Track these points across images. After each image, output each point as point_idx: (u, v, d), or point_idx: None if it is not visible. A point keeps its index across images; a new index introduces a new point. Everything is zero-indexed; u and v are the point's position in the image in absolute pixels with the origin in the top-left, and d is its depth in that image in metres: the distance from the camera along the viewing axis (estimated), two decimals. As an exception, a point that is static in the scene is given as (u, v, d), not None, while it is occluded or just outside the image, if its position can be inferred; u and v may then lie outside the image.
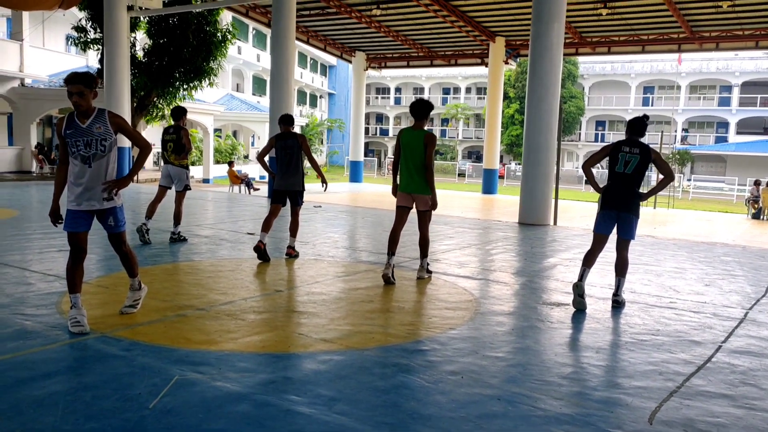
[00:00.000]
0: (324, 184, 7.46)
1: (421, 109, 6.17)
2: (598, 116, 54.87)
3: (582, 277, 5.48)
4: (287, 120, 7.38)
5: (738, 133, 50.14)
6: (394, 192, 6.38)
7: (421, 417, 3.11)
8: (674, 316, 5.33)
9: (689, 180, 42.12)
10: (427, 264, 6.56)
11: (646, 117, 5.61)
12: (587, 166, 5.74)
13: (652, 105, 52.45)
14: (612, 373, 3.93)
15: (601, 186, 5.63)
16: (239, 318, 4.74)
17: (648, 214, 17.93)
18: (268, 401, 3.21)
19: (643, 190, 5.70)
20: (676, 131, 50.37)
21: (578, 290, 5.41)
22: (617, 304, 5.58)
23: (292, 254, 7.38)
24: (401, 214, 6.36)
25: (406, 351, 4.14)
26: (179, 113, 8.26)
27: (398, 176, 6.31)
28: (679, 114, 51.29)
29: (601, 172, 33.54)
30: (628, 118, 52.24)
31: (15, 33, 22.85)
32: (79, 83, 4.04)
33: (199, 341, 4.14)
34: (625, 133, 5.61)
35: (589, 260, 5.56)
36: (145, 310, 4.78)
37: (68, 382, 3.36)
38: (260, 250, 6.99)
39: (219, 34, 21.41)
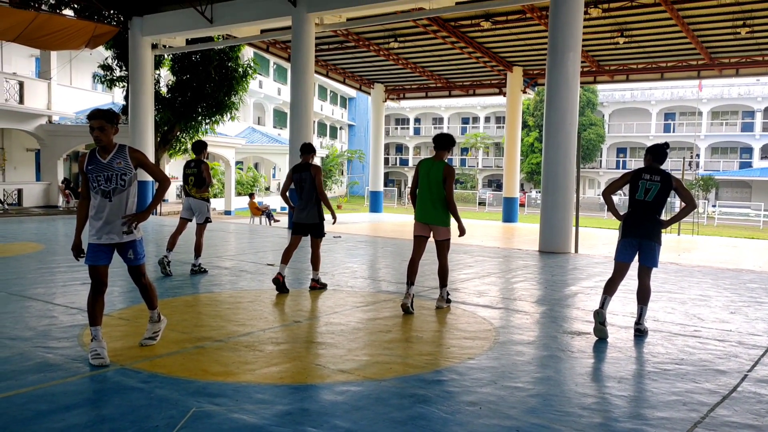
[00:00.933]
0: (333, 219, 7.44)
1: (443, 141, 6.27)
2: (619, 143, 54.60)
3: (603, 304, 5.41)
4: (306, 149, 7.43)
5: (762, 158, 49.48)
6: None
7: (438, 449, 3.07)
8: (699, 345, 5.22)
9: (714, 206, 41.52)
10: (447, 293, 6.53)
11: (666, 144, 5.59)
12: (607, 193, 5.71)
13: (673, 131, 52.08)
14: (634, 404, 3.85)
15: (622, 213, 5.58)
16: (257, 349, 4.75)
17: (672, 241, 17.69)
18: (284, 433, 3.20)
19: (665, 217, 5.64)
20: (698, 156, 49.91)
21: (599, 318, 5.34)
22: (639, 333, 5.49)
23: (316, 287, 7.37)
24: (419, 243, 6.36)
25: (424, 381, 4.10)
26: (200, 147, 8.41)
27: (416, 205, 6.35)
28: (701, 140, 50.82)
29: (622, 199, 33.24)
30: (649, 144, 52.30)
31: (43, 72, 23.56)
32: (101, 118, 4.16)
33: (217, 373, 4.15)
34: (644, 161, 5.58)
35: (610, 288, 5.50)
36: (165, 342, 4.81)
37: (87, 415, 3.38)
38: (279, 282, 7.02)
39: (240, 70, 21.87)
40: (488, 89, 27.43)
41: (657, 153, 5.49)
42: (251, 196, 24.67)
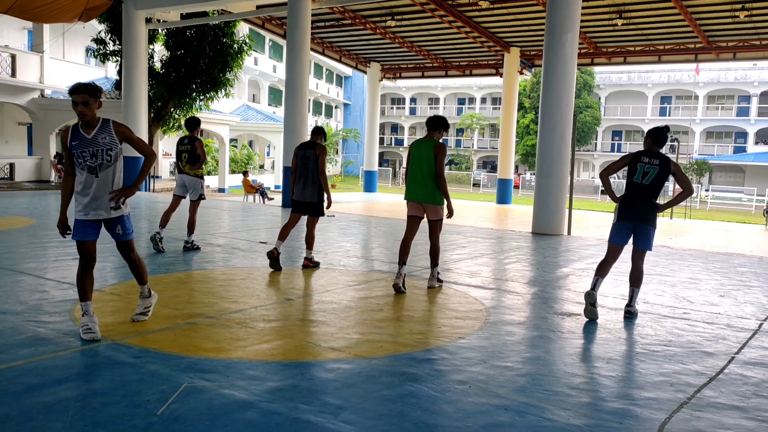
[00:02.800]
0: (329, 203, 7.24)
1: (434, 122, 6.27)
2: (614, 126, 54.60)
3: (594, 286, 5.44)
4: (317, 131, 7.37)
5: (756, 143, 49.60)
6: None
7: (426, 426, 3.10)
8: (687, 327, 5.27)
9: (707, 190, 41.67)
10: (438, 273, 6.56)
11: (666, 128, 5.57)
12: (605, 174, 5.70)
13: (669, 115, 52.10)
14: (622, 384, 3.89)
15: (618, 196, 5.58)
16: (249, 326, 4.76)
17: (664, 225, 17.77)
18: (274, 409, 3.22)
19: (661, 201, 5.65)
20: (676, 140, 49.97)
21: (590, 299, 5.37)
22: (630, 315, 5.53)
23: (308, 266, 7.38)
24: (412, 223, 6.37)
25: (414, 360, 4.13)
26: (193, 124, 8.35)
27: (407, 185, 6.35)
28: (696, 124, 50.88)
29: (617, 182, 33.31)
30: (645, 128, 52.14)
31: (36, 45, 23.27)
32: (84, 92, 4.09)
33: (209, 349, 4.16)
34: (644, 144, 5.57)
35: (602, 270, 5.52)
36: (156, 318, 4.82)
37: (78, 389, 3.39)
38: (273, 257, 7.02)
39: (235, 46, 21.66)
40: (485, 70, 27.27)
41: (657, 136, 5.47)
42: (245, 173, 24.58)
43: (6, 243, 8.33)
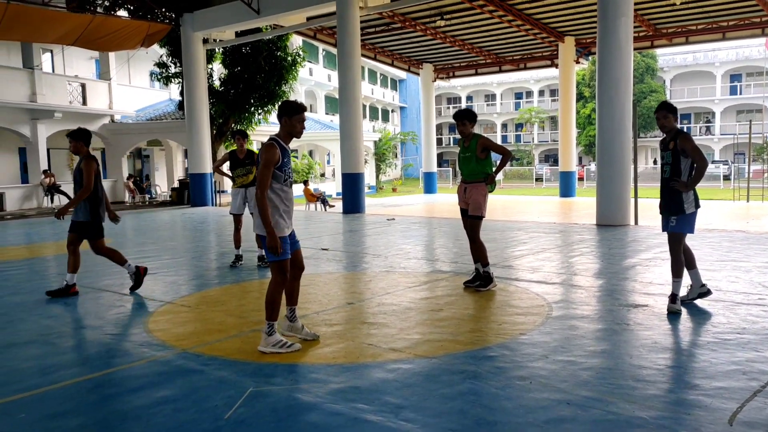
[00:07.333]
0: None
1: (456, 115, 6.28)
2: (682, 109, 52.34)
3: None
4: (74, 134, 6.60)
5: (839, 116, 46.60)
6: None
7: (486, 423, 3.10)
8: (762, 314, 5.04)
9: (787, 170, 39.41)
10: (486, 273, 6.29)
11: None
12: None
13: (740, 93, 49.71)
14: (691, 375, 3.77)
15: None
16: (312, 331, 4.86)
17: (741, 208, 16.99)
18: (337, 410, 3.30)
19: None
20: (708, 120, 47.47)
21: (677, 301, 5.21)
22: (671, 312, 5.12)
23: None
24: (463, 220, 6.41)
25: (475, 358, 4.13)
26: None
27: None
28: (771, 101, 48.28)
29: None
30: (716, 109, 49.93)
31: (103, 73, 24.47)
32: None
33: (273, 354, 4.28)
34: (662, 122, 5.19)
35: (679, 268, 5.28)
36: (223, 327, 5.00)
37: (150, 397, 3.57)
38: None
39: (289, 59, 22.11)
40: (539, 62, 26.81)
41: (670, 108, 5.17)
42: (305, 183, 25.05)
43: (85, 262, 8.75)
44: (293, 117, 4.30)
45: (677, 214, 5.14)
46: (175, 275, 7.58)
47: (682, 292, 5.35)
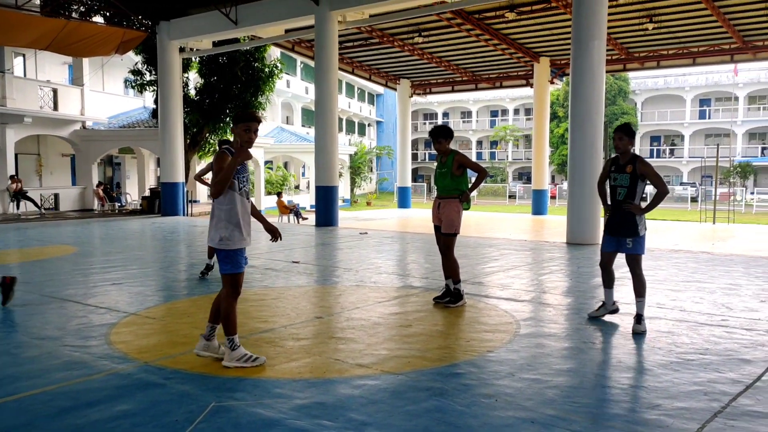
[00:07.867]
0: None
1: (431, 133, 6.34)
2: (652, 131, 53.56)
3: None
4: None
5: (803, 142, 48.00)
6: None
7: (450, 441, 3.08)
8: (725, 334, 5.12)
9: (752, 193, 40.44)
10: (457, 289, 6.30)
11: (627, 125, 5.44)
12: (599, 184, 5.59)
13: (709, 117, 50.91)
14: (654, 394, 3.79)
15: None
16: (278, 345, 4.81)
17: (707, 231, 17.33)
18: (300, 426, 3.25)
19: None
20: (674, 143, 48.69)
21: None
22: (636, 333, 5.13)
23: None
24: (437, 236, 6.41)
25: (441, 374, 4.11)
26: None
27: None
28: (738, 126, 49.54)
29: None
30: (685, 132, 51.02)
31: (76, 78, 24.11)
32: None
33: (237, 369, 4.21)
34: (617, 143, 5.30)
35: (605, 280, 5.63)
36: (189, 339, 4.91)
37: (109, 410, 3.47)
38: None
39: (266, 70, 22.07)
40: (515, 81, 27.15)
41: (627, 131, 5.29)
42: (279, 194, 24.98)
43: (49, 271, 8.60)
44: (238, 125, 4.23)
45: (632, 237, 5.22)
46: (141, 286, 7.44)
47: (594, 307, 5.80)
